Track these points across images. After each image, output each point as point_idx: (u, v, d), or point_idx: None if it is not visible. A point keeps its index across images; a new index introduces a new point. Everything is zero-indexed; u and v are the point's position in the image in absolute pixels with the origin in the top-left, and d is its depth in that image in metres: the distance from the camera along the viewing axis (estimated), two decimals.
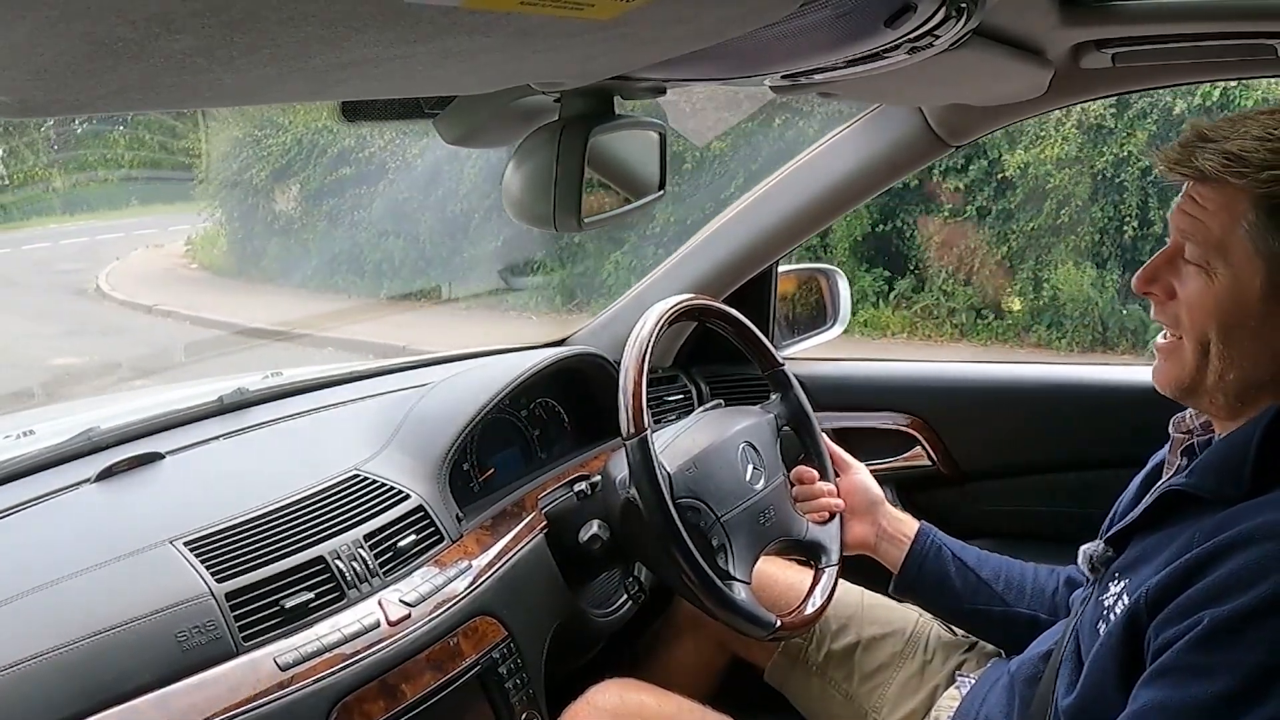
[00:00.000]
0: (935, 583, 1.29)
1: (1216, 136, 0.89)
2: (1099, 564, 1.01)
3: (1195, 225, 0.90)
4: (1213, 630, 0.79)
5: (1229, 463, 0.89)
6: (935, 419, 1.77)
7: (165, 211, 9.42)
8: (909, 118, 1.57)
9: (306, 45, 0.47)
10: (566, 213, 0.92)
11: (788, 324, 1.94)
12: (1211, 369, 0.91)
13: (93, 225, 9.10)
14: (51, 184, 8.02)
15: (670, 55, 0.71)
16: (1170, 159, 0.91)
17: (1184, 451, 0.99)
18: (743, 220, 1.76)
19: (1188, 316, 0.92)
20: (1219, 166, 0.87)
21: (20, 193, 7.77)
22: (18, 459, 1.18)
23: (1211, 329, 0.90)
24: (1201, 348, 0.91)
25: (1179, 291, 0.92)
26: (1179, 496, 0.93)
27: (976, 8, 0.82)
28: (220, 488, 1.20)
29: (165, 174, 8.36)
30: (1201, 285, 0.90)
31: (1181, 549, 0.87)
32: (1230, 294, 0.88)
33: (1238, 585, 0.79)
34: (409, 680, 1.06)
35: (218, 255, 8.62)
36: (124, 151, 7.96)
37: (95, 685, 0.88)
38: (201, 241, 8.78)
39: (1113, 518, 1.09)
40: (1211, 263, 0.89)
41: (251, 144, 7.81)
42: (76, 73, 0.45)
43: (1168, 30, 1.18)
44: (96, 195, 8.96)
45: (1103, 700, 0.90)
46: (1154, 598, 0.85)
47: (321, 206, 7.70)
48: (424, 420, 1.37)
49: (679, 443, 1.30)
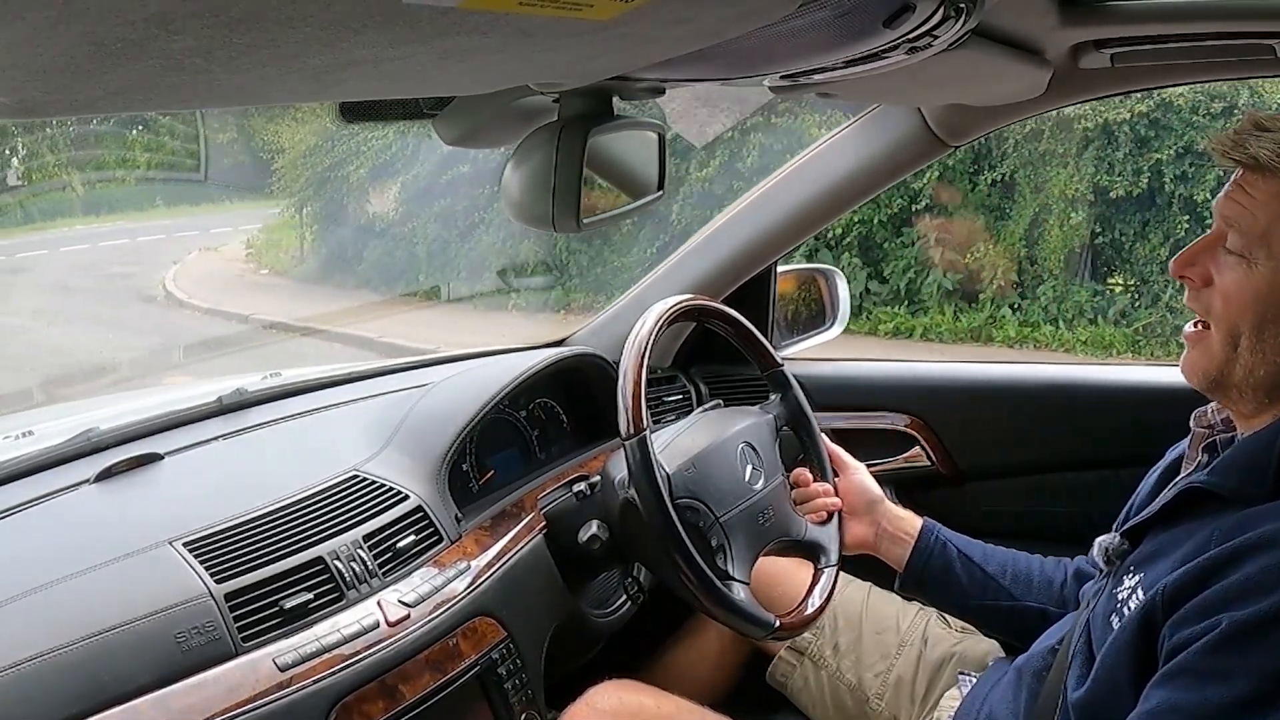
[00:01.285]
0: (941, 579, 1.29)
1: (1273, 127, 0.89)
2: (1114, 556, 1.00)
3: (1241, 213, 0.90)
4: (1232, 633, 0.79)
5: (1253, 463, 0.89)
6: (934, 419, 1.77)
7: (192, 213, 9.12)
8: (908, 118, 1.57)
9: (306, 46, 0.47)
10: (565, 213, 0.92)
11: (787, 324, 1.94)
12: (1241, 363, 0.90)
13: (122, 226, 8.79)
14: (71, 184, 7.84)
15: (669, 55, 0.71)
16: (1225, 145, 0.91)
17: (1205, 448, 0.99)
18: (742, 220, 1.76)
19: (1222, 305, 0.91)
20: (1273, 156, 0.87)
21: (39, 192, 7.59)
22: (17, 459, 1.18)
23: (1245, 321, 0.89)
24: (1232, 339, 0.90)
25: (1216, 279, 0.92)
26: (1199, 493, 0.93)
27: (975, 8, 0.82)
28: (219, 488, 1.20)
29: (185, 175, 8.04)
30: (1240, 275, 0.89)
31: (1200, 547, 0.86)
32: (1269, 285, 0.88)
33: (1258, 589, 0.79)
34: (408, 681, 1.06)
35: (284, 258, 8.16)
36: (141, 152, 7.70)
37: (94, 686, 0.88)
38: (264, 245, 8.40)
39: (1129, 511, 1.08)
40: (1254, 253, 0.89)
41: (344, 139, 7.24)
42: (76, 73, 0.45)
43: (1167, 30, 1.18)
44: (119, 195, 8.73)
45: (1114, 695, 0.89)
46: (1170, 595, 0.85)
47: (431, 208, 7.15)
48: (423, 421, 1.37)
49: (678, 443, 1.30)
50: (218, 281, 8.05)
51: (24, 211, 8.02)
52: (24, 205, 7.87)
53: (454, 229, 7.21)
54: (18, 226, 8.06)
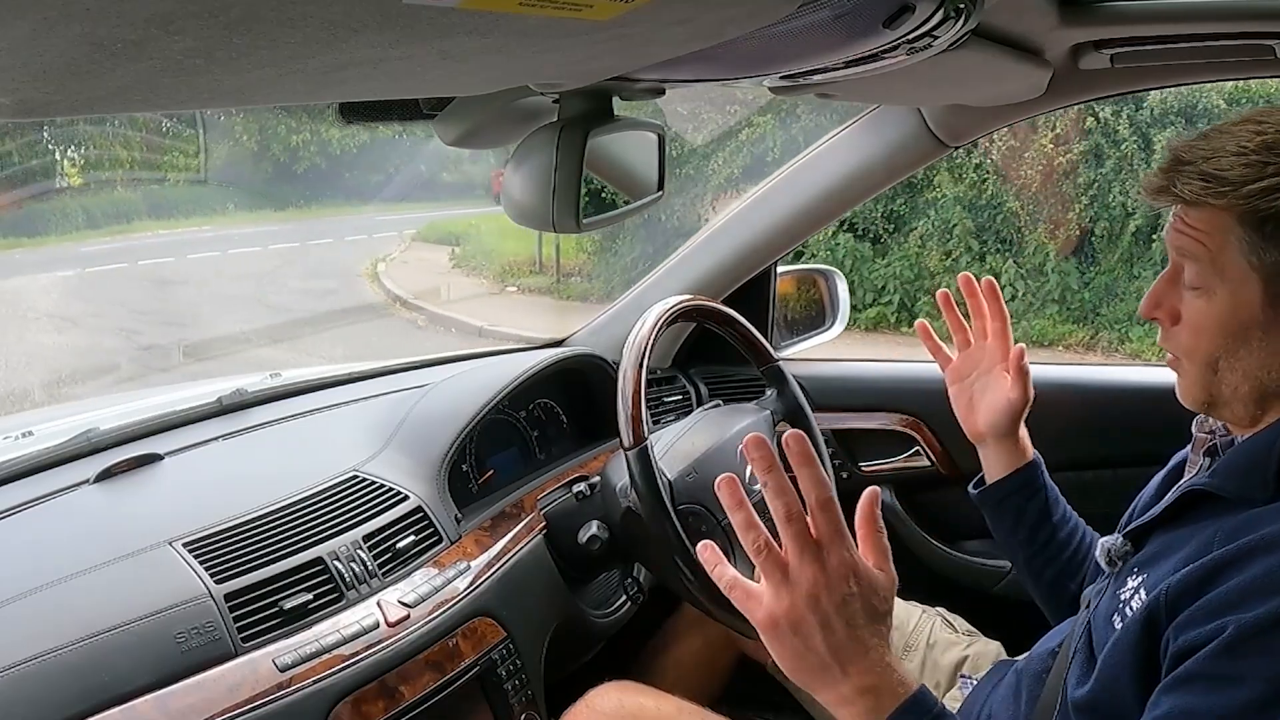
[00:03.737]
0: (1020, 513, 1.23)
1: (1193, 158, 0.88)
2: (1117, 558, 1.00)
3: (1190, 244, 0.90)
4: (1238, 637, 0.78)
5: (1253, 465, 0.89)
6: (934, 419, 1.76)
7: (275, 220, 8.78)
8: (907, 119, 1.57)
9: (305, 46, 0.47)
10: (565, 214, 0.92)
11: (786, 325, 1.94)
12: (1225, 383, 0.91)
13: (210, 232, 8.42)
14: (142, 184, 7.68)
15: (669, 56, 0.71)
16: (1152, 188, 0.91)
17: (1206, 452, 0.99)
18: (741, 221, 1.76)
19: (1191, 340, 0.92)
20: (1199, 191, 0.87)
21: (105, 194, 7.42)
22: (17, 460, 1.18)
23: (1217, 347, 0.90)
24: (1210, 366, 0.91)
25: (1184, 315, 0.92)
26: (1200, 495, 0.93)
27: (975, 8, 0.82)
28: (219, 489, 1.20)
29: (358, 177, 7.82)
30: (1203, 307, 0.90)
31: (1202, 548, 0.86)
32: (1230, 311, 0.88)
33: (1262, 591, 0.79)
34: (408, 681, 1.06)
35: (539, 279, 7.59)
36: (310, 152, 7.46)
37: (94, 686, 0.88)
38: (466, 254, 7.99)
39: (1132, 513, 1.08)
40: (1209, 282, 0.89)
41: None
42: (76, 73, 0.45)
43: (1166, 31, 1.18)
44: (184, 197, 8.51)
45: (1115, 695, 0.89)
46: (1174, 597, 0.84)
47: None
48: (423, 421, 1.37)
49: (678, 447, 1.30)
50: (466, 298, 7.61)
51: (86, 215, 7.80)
52: (88, 211, 7.69)
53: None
54: (184, 218, 7.68)
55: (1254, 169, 0.85)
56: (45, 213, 7.53)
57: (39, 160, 7.04)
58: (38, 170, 7.07)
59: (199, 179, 8.15)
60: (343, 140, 8.61)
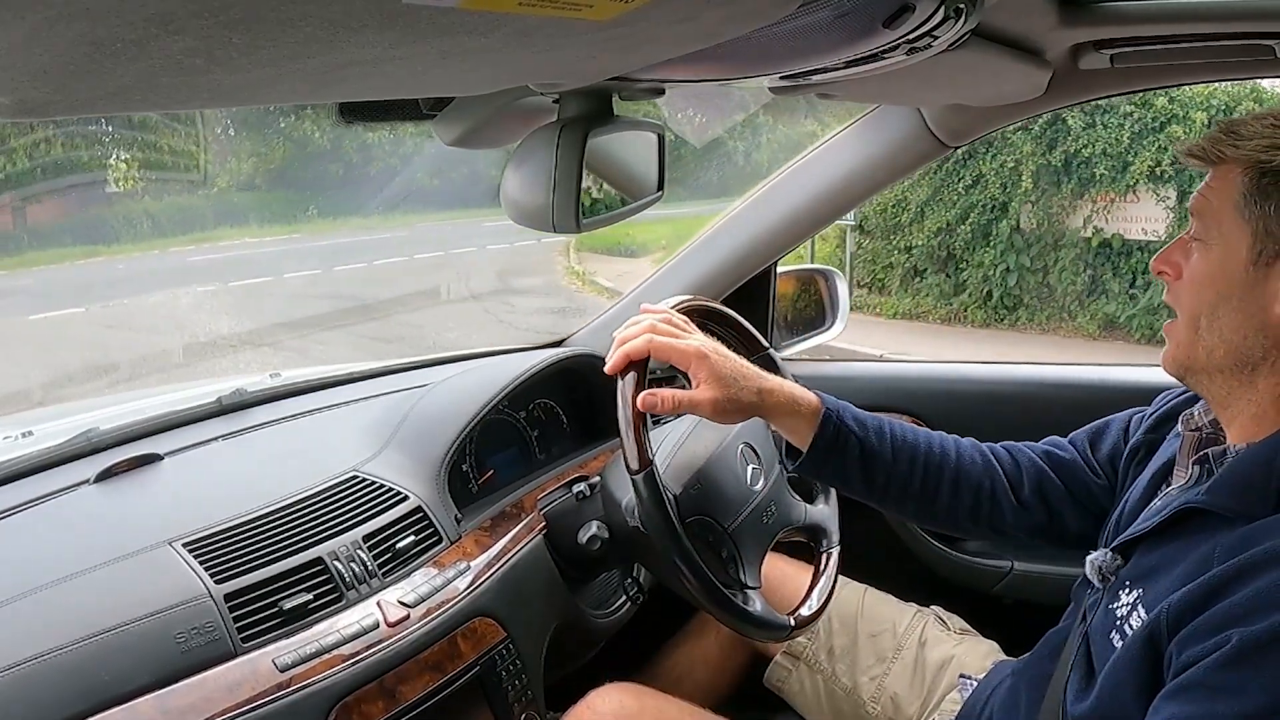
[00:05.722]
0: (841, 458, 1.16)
1: (1226, 122, 0.92)
2: (1108, 573, 1.00)
3: (1200, 202, 0.93)
4: (1243, 649, 0.78)
5: (1250, 483, 0.88)
6: (934, 419, 1.76)
7: (357, 226, 8.35)
8: (907, 119, 1.57)
9: (305, 46, 0.47)
10: (565, 214, 0.92)
11: (787, 325, 1.94)
12: (1202, 344, 0.93)
13: (288, 242, 8.05)
14: (228, 194, 7.31)
15: (669, 56, 0.71)
16: (1185, 150, 0.95)
17: (1196, 460, 0.98)
18: (742, 221, 1.76)
19: (1187, 292, 0.94)
20: (1216, 141, 0.91)
21: (177, 198, 7.04)
22: (17, 460, 1.18)
23: (1203, 302, 0.92)
24: (1194, 324, 0.93)
25: (1184, 270, 0.95)
26: (1195, 512, 0.92)
27: (975, 8, 0.82)
28: (219, 489, 1.20)
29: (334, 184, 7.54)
30: (1200, 258, 0.93)
31: (1201, 565, 0.86)
32: (1219, 263, 0.91)
33: (1267, 604, 0.79)
34: (408, 681, 1.06)
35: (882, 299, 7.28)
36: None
37: (94, 686, 0.88)
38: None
39: (1120, 516, 1.07)
40: (1209, 235, 0.92)
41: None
42: (76, 73, 0.45)
43: (1166, 31, 1.18)
44: (248, 205, 8.13)
45: (1120, 712, 0.89)
46: (1175, 615, 0.84)
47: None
48: (423, 421, 1.37)
49: (679, 458, 1.29)
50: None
51: (152, 222, 7.43)
52: (154, 218, 7.36)
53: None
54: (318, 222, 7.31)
55: (1269, 129, 0.89)
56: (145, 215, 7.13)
57: (97, 165, 6.69)
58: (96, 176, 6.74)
59: (268, 184, 7.89)
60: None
